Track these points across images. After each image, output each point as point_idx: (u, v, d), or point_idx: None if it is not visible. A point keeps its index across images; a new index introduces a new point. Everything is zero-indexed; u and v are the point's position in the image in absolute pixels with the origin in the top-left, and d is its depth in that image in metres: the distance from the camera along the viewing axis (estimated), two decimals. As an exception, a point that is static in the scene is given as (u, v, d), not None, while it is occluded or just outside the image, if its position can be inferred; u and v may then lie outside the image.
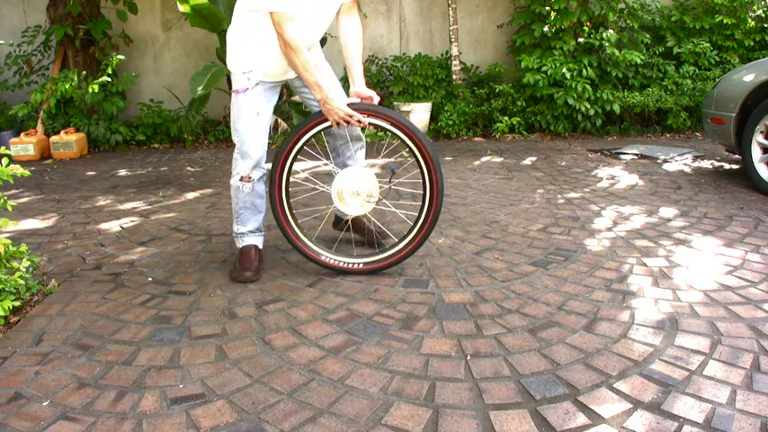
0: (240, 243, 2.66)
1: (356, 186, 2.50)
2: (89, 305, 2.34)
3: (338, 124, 2.38)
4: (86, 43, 6.16)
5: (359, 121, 2.38)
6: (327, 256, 2.58)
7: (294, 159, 2.51)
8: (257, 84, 2.47)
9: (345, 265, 2.57)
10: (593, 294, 2.34)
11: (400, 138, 2.45)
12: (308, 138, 2.48)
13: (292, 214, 2.57)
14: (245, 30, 2.43)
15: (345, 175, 2.52)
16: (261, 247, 2.68)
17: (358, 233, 2.93)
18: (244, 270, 2.55)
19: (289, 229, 2.57)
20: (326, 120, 2.41)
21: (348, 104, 2.38)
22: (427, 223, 2.51)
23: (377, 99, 2.47)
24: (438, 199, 2.47)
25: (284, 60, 2.40)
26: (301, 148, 2.50)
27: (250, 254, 2.60)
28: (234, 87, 2.51)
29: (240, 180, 2.53)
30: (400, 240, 2.57)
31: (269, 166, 2.58)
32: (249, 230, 2.64)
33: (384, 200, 2.74)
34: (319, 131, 2.49)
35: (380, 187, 2.54)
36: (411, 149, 2.47)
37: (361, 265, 2.57)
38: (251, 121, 2.48)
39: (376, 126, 2.45)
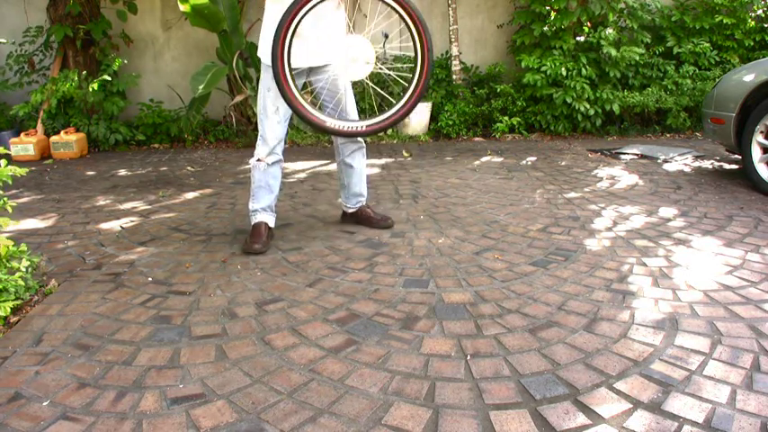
0: (253, 220, 2.99)
1: (355, 53, 2.65)
2: (89, 305, 2.34)
3: None
4: (87, 43, 6.15)
5: None
6: (331, 122, 2.72)
7: (297, 25, 2.52)
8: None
9: (349, 128, 2.73)
10: (593, 294, 2.34)
11: (390, 5, 2.56)
12: (310, 8, 2.48)
13: (293, 78, 2.63)
14: (269, 20, 2.75)
15: (344, 46, 2.68)
16: (272, 225, 3.03)
17: (364, 223, 3.27)
18: (253, 243, 2.88)
19: (291, 93, 2.63)
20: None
21: None
22: (421, 82, 2.65)
23: None
24: (429, 59, 2.61)
25: (303, 47, 2.69)
26: (304, 15, 2.51)
27: (260, 229, 2.95)
28: (263, 80, 2.85)
29: (257, 161, 2.93)
30: (397, 101, 2.72)
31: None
32: (262, 207, 2.98)
33: (380, 64, 2.87)
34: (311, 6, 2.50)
35: (376, 51, 2.68)
36: (399, 13, 2.59)
37: (363, 127, 2.73)
38: (271, 115, 2.87)
39: None
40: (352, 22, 2.89)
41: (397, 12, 2.59)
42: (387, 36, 2.72)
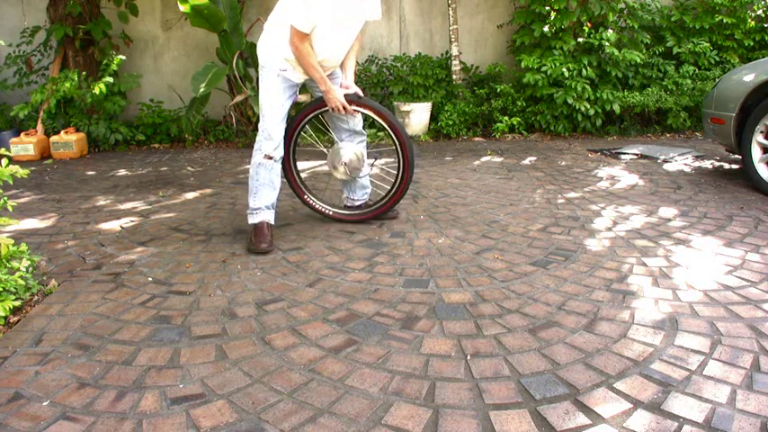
0: (254, 219, 3.02)
1: (345, 160, 3.17)
2: (89, 305, 2.34)
3: (334, 110, 3.01)
4: (86, 43, 6.15)
5: (347, 109, 3.01)
6: (331, 210, 3.35)
7: (300, 133, 3.22)
8: (283, 80, 2.95)
9: (342, 215, 3.33)
10: (593, 294, 2.34)
11: (380, 123, 3.09)
12: (311, 118, 3.15)
13: (299, 175, 3.34)
14: (278, 30, 2.90)
15: (342, 151, 3.18)
16: (272, 222, 3.06)
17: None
18: (259, 243, 2.90)
19: (299, 189, 3.35)
20: (326, 105, 3.03)
21: (349, 99, 3.01)
22: (399, 189, 3.19)
23: (360, 94, 3.08)
24: (409, 172, 3.13)
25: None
26: (305, 125, 3.19)
27: (263, 229, 2.98)
28: (262, 80, 2.97)
29: (264, 158, 2.99)
30: (380, 200, 3.28)
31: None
32: (264, 205, 3.02)
33: (369, 176, 3.44)
34: (320, 113, 3.14)
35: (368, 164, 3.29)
36: (387, 131, 3.11)
37: (356, 214, 3.31)
38: (275, 112, 2.96)
39: (362, 113, 3.12)
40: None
41: (384, 128, 3.10)
42: (376, 157, 3.36)
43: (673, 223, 3.21)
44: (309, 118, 3.14)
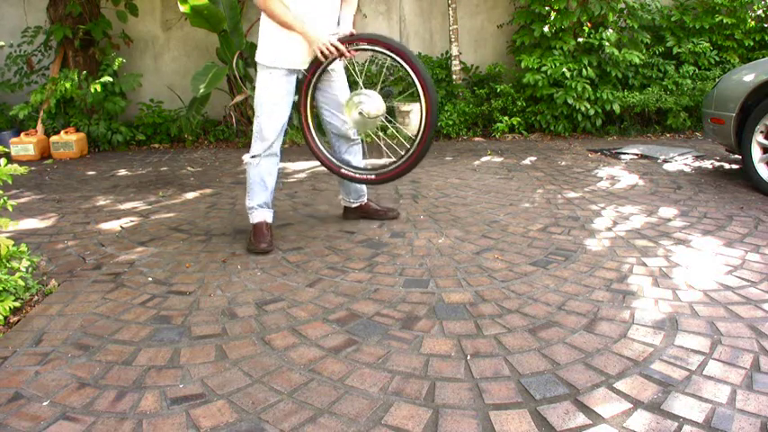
0: (252, 218, 3.00)
1: (366, 108, 2.89)
2: (89, 305, 2.34)
3: (325, 55, 2.75)
4: (86, 43, 6.16)
5: (340, 50, 2.75)
6: (345, 169, 3.07)
7: (313, 95, 3.00)
8: (278, 73, 2.85)
9: (360, 175, 3.05)
10: (593, 294, 2.34)
11: (390, 56, 2.81)
12: (315, 81, 2.93)
13: (318, 133, 3.07)
14: (268, 25, 2.82)
15: (359, 99, 2.90)
16: (270, 221, 3.03)
17: (371, 216, 3.36)
18: (258, 243, 2.89)
19: (315, 147, 3.08)
20: (319, 63, 2.82)
21: (341, 39, 2.79)
22: (425, 135, 2.86)
23: (355, 32, 2.86)
24: (432, 111, 2.82)
25: (301, 46, 2.81)
26: (314, 88, 2.96)
27: (262, 228, 2.96)
28: (258, 79, 2.90)
29: (252, 157, 2.96)
30: (406, 151, 2.94)
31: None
32: (258, 204, 2.99)
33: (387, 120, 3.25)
34: (322, 72, 2.91)
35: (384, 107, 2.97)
36: (404, 68, 2.80)
37: (373, 176, 3.01)
38: (269, 113, 2.89)
39: (364, 49, 2.84)
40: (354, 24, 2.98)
41: (399, 64, 2.82)
42: (391, 92, 3.08)
43: (673, 223, 3.21)
44: (315, 79, 2.92)
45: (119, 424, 1.59)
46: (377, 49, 2.82)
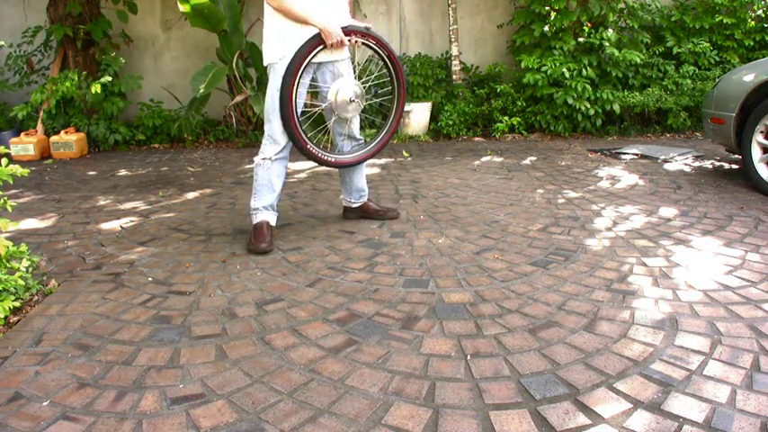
0: (255, 219, 3.00)
1: (348, 94, 2.99)
2: (89, 305, 2.34)
3: (332, 45, 2.81)
4: (87, 43, 6.15)
5: (343, 42, 2.83)
6: (326, 155, 3.06)
7: (300, 78, 2.86)
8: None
9: (337, 159, 3.10)
10: (593, 294, 2.34)
11: (377, 52, 3.03)
12: (308, 61, 2.84)
13: (301, 125, 2.95)
14: (272, 25, 2.85)
15: (340, 87, 2.98)
16: (273, 224, 3.04)
17: (372, 216, 3.37)
18: (258, 243, 2.89)
19: (300, 137, 2.96)
20: (318, 45, 2.81)
21: (342, 29, 2.83)
22: (397, 116, 3.22)
23: (353, 23, 2.93)
24: (403, 93, 3.19)
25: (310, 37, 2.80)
26: (305, 68, 2.85)
27: (262, 229, 2.96)
28: (270, 82, 2.89)
29: (263, 159, 2.96)
30: (380, 130, 3.24)
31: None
32: (263, 206, 2.99)
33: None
34: (316, 54, 2.86)
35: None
36: (384, 60, 3.09)
37: (332, 159, 3.06)
38: (281, 116, 2.87)
39: (363, 44, 2.98)
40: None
41: (382, 57, 3.08)
42: (377, 92, 3.22)
43: (673, 223, 3.21)
44: (306, 65, 2.84)
45: (119, 424, 1.59)
46: (370, 43, 2.97)
